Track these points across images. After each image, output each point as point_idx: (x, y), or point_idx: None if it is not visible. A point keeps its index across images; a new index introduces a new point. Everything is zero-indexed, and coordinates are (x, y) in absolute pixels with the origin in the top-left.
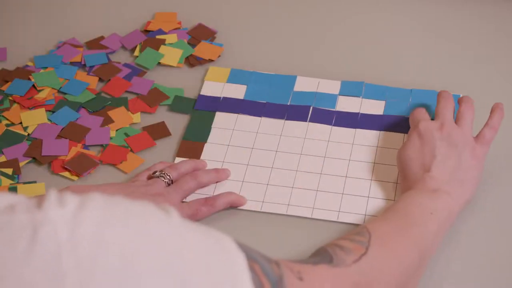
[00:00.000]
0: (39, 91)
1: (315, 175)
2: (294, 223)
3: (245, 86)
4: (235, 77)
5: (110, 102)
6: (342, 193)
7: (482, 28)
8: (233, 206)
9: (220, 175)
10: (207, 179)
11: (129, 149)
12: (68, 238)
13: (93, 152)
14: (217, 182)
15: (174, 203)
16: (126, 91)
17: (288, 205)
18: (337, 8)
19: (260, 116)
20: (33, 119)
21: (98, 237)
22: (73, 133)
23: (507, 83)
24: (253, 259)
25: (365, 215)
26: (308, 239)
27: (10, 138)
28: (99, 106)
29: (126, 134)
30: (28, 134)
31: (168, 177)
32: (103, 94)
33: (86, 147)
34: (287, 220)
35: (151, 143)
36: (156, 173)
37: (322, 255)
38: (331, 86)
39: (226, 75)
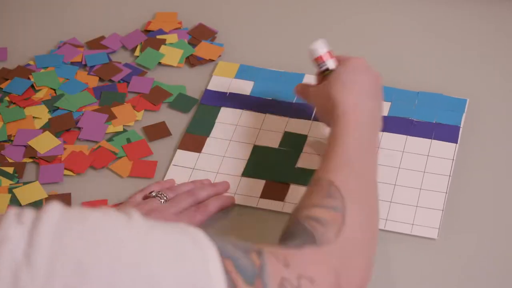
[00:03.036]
0: (37, 91)
1: (313, 172)
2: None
3: (253, 82)
4: (243, 73)
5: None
6: None
7: (485, 28)
8: (224, 209)
9: (218, 189)
10: (205, 195)
11: (116, 156)
12: (24, 255)
13: (85, 146)
14: (215, 195)
15: (170, 217)
16: (128, 91)
17: (284, 202)
18: (339, 8)
19: (264, 113)
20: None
21: (52, 250)
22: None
23: (507, 83)
24: (226, 254)
25: None
26: None
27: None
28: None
29: (128, 140)
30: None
31: (165, 197)
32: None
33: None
34: (283, 218)
35: (148, 152)
36: (153, 193)
37: (302, 234)
38: None
39: (234, 70)
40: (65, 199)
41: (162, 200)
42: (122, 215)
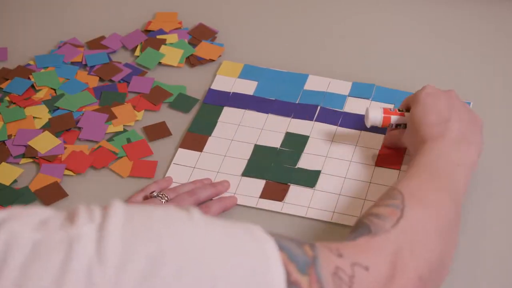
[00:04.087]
0: (37, 91)
1: (314, 173)
2: (287, 221)
3: (256, 82)
4: (247, 72)
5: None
6: (339, 194)
7: (487, 29)
8: (226, 210)
9: (218, 189)
10: (206, 195)
11: (116, 155)
12: (96, 251)
13: (85, 146)
14: (216, 196)
15: None
16: (128, 91)
17: (284, 202)
18: (339, 7)
19: (267, 113)
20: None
21: (122, 246)
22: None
23: (510, 86)
24: (281, 247)
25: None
26: (301, 237)
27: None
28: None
29: (128, 140)
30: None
31: (166, 198)
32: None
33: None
34: (281, 218)
35: (148, 152)
36: (154, 193)
37: (360, 228)
38: (342, 87)
39: (238, 70)
40: (56, 188)
41: (163, 201)
42: (183, 211)
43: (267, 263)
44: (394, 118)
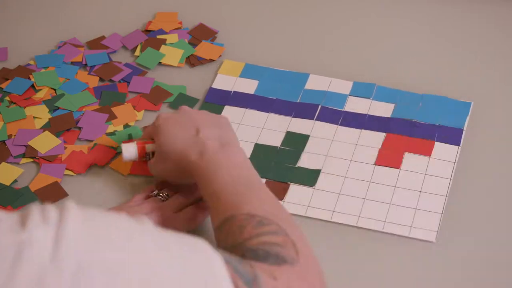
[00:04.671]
0: (38, 90)
1: (314, 172)
2: None
3: (257, 82)
4: (248, 71)
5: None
6: (339, 193)
7: (489, 30)
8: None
9: None
10: None
11: (115, 150)
12: (51, 259)
13: (85, 145)
14: None
15: (169, 216)
16: (128, 91)
17: (284, 201)
18: (340, 8)
19: (268, 112)
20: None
21: (79, 254)
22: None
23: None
24: (227, 260)
25: (359, 216)
26: None
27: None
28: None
29: (129, 136)
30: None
31: (166, 195)
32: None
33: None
34: None
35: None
36: (154, 192)
37: (269, 257)
38: (343, 86)
39: (239, 69)
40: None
41: (162, 199)
42: (135, 222)
43: (217, 277)
44: (149, 147)
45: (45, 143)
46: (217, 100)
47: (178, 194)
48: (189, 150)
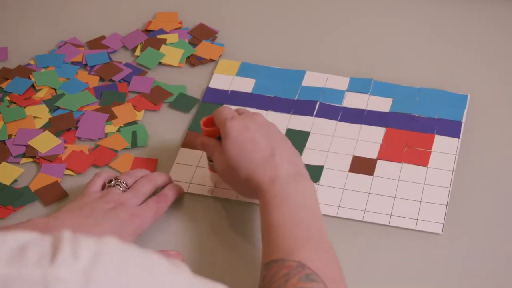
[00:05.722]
0: (38, 90)
1: (317, 168)
2: None
3: (254, 80)
4: (244, 70)
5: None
6: (343, 188)
7: (485, 26)
8: (178, 196)
9: (168, 176)
10: (162, 180)
11: (116, 153)
12: None
13: (85, 145)
14: (170, 182)
15: (135, 209)
16: (129, 90)
17: None
18: (339, 6)
19: (266, 110)
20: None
21: None
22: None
23: (507, 78)
24: None
25: (364, 211)
26: None
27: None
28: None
29: (133, 133)
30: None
31: (124, 185)
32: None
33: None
34: None
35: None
36: (112, 182)
37: None
38: (340, 82)
39: (236, 68)
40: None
41: (121, 188)
42: (174, 268)
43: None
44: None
45: (45, 143)
46: (215, 100)
47: (137, 184)
48: (261, 172)
